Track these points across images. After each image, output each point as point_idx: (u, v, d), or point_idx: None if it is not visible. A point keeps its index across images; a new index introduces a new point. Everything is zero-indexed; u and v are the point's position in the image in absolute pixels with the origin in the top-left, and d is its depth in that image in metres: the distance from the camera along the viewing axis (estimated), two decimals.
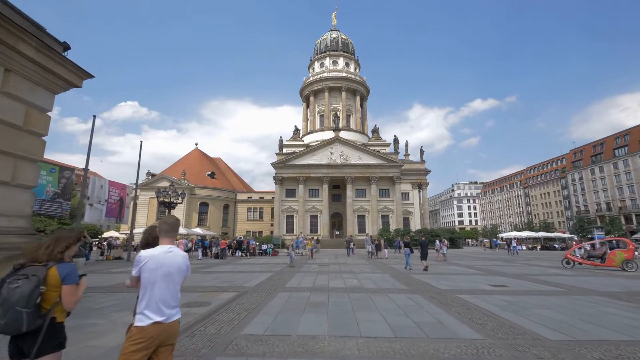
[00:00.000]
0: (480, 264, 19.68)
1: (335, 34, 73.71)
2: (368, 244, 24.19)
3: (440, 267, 16.92)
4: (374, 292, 9.00)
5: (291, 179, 54.99)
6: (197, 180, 57.43)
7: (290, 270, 15.06)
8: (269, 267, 16.27)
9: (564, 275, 13.84)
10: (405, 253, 16.37)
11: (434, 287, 9.81)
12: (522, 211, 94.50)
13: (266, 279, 11.64)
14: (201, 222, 55.25)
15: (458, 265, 18.60)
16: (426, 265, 15.01)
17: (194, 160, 63.74)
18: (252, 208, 61.55)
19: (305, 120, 71.79)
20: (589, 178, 69.69)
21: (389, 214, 55.16)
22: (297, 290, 9.11)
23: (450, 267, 17.38)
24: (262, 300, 7.72)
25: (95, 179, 19.00)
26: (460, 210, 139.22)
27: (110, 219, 20.50)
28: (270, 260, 21.03)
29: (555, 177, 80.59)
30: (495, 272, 14.87)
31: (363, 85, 69.92)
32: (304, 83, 70.78)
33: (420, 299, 7.95)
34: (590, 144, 71.22)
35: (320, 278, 12.02)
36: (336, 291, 9.02)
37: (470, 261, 21.62)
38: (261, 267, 16.33)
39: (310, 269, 15.68)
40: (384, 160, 54.85)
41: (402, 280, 11.71)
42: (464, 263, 19.94)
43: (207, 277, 12.49)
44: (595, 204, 68.14)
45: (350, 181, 53.78)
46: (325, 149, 55.63)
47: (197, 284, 10.50)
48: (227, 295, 8.15)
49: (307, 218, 54.64)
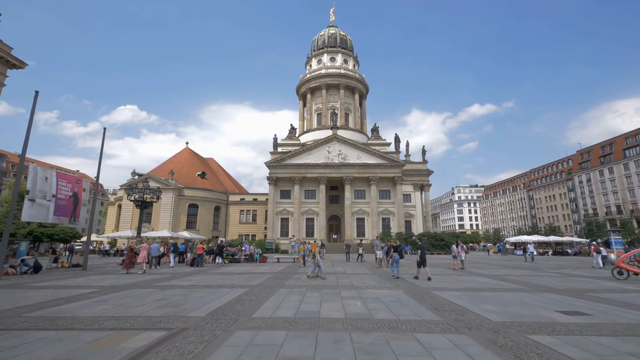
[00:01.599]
0: (505, 273, 16.32)
1: (334, 30, 70.84)
2: (377, 249, 20.76)
3: (463, 279, 13.55)
4: (392, 329, 5.61)
5: (286, 179, 51.61)
6: (186, 181, 53.91)
7: (271, 284, 11.62)
8: (247, 279, 12.83)
9: (636, 291, 10.49)
10: (393, 259, 14.02)
11: (483, 318, 6.42)
12: (525, 214, 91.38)
13: (231, 301, 8.20)
14: (190, 225, 51.62)
15: (482, 275, 15.22)
16: (429, 277, 13.08)
17: (184, 160, 60.25)
18: (245, 210, 57.98)
19: (302, 119, 68.56)
20: (598, 180, 66.72)
21: (389, 217, 51.79)
22: (268, 327, 5.69)
23: (476, 278, 14.00)
24: (198, 352, 4.32)
25: (37, 169, 15.44)
26: (460, 213, 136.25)
27: (61, 218, 16.97)
28: (254, 269, 17.59)
29: (561, 179, 77.63)
30: (537, 286, 11.51)
31: (362, 82, 66.89)
32: (301, 80, 67.64)
33: (477, 349, 4.56)
34: (599, 144, 68.37)
35: (309, 299, 8.61)
36: (331, 328, 5.64)
37: (492, 269, 18.25)
38: (238, 279, 12.89)
39: (299, 281, 12.27)
40: (385, 160, 51.61)
41: (424, 301, 8.32)
42: (487, 272, 16.56)
43: (151, 296, 9.01)
44: (605, 207, 65.08)
45: (348, 182, 50.46)
46: (322, 147, 52.35)
47: (122, 311, 7.03)
48: (139, 343, 4.70)
49: (303, 221, 51.16)
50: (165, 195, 49.82)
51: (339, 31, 71.02)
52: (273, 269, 16.97)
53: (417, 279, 13.11)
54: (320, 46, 69.48)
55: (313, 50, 70.82)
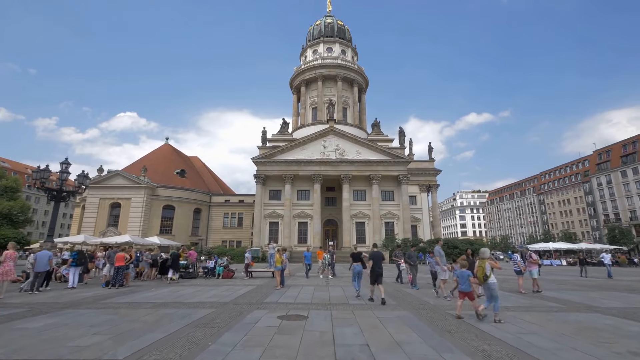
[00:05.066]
0: (599, 298, 10.11)
1: (331, 19, 65.42)
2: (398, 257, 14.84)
3: (565, 317, 7.26)
4: None
5: (276, 177, 45.38)
6: (162, 179, 47.43)
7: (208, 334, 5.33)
8: (167, 319, 6.60)
9: None
10: (353, 271, 10.72)
11: None
12: (536, 220, 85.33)
13: None
14: (165, 229, 45.00)
15: (589, 308, 8.94)
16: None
17: (162, 156, 53.85)
18: (229, 213, 51.46)
19: (296, 114, 62.63)
20: (620, 181, 60.94)
21: (393, 221, 45.59)
22: None
23: (591, 316, 7.70)
24: None
25: None
26: (463, 220, 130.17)
27: None
28: (199, 293, 11.26)
29: (577, 181, 71.82)
30: None
31: (361, 74, 61.15)
32: (295, 72, 61.87)
33: None
34: (619, 142, 62.77)
35: None
36: None
37: (573, 292, 12.02)
38: (152, 318, 6.64)
39: (261, 323, 6.04)
40: (388, 156, 45.61)
41: None
42: (571, 298, 10.30)
43: None
44: (629, 211, 59.14)
45: (347, 180, 44.29)
46: (317, 141, 46.31)
47: None
48: None
49: (295, 225, 44.81)
50: (135, 195, 43.40)
51: (337, 20, 65.64)
52: (227, 294, 10.66)
53: (373, 301, 9.42)
54: (316, 36, 63.96)
55: (308, 41, 65.24)
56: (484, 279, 6.97)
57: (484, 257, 7.25)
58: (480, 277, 7.01)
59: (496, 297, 6.91)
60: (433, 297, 10.43)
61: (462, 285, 7.18)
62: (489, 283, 6.96)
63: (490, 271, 6.96)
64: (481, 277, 7.00)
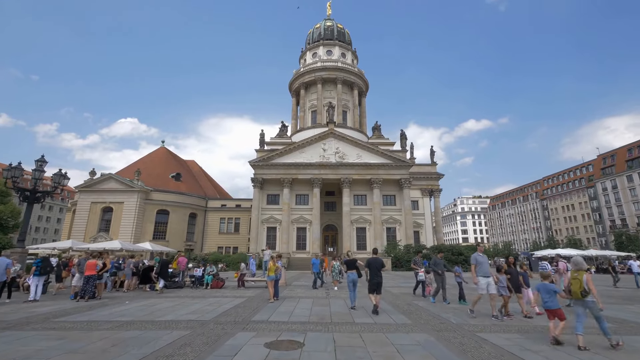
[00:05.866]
0: None
1: (330, 23, 64.73)
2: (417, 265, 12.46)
3: None
4: None
5: (274, 181, 43.89)
6: (157, 183, 45.92)
7: None
8: (121, 347, 5.13)
9: None
10: (347, 280, 9.51)
11: None
12: (539, 226, 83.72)
13: None
14: (158, 235, 43.33)
15: (628, 322, 7.43)
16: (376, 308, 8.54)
17: (157, 159, 52.41)
18: (226, 219, 49.84)
19: (295, 117, 61.43)
20: (625, 186, 59.60)
21: (395, 226, 44.02)
22: None
23: None
24: None
25: None
26: (464, 226, 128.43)
27: None
28: (179, 307, 9.72)
29: (581, 186, 70.47)
30: None
31: (361, 78, 60.20)
32: (294, 75, 60.88)
33: None
34: (624, 147, 61.59)
35: None
36: None
37: (608, 306, 10.50)
38: (103, 345, 5.15)
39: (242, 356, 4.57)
40: (389, 159, 44.24)
41: None
42: (617, 315, 8.77)
43: None
44: (636, 217, 57.70)
45: (347, 184, 42.83)
46: (316, 144, 44.95)
47: None
48: None
49: (293, 231, 43.19)
50: (128, 199, 41.84)
51: (336, 24, 64.93)
52: (210, 310, 9.12)
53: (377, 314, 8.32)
54: (315, 39, 63.13)
55: (308, 44, 64.42)
56: (582, 294, 5.55)
57: (582, 268, 5.81)
58: (577, 291, 5.58)
59: (601, 318, 5.55)
60: (452, 312, 8.90)
61: (549, 302, 5.85)
62: (587, 301, 5.56)
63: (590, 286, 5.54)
64: (578, 292, 5.57)
